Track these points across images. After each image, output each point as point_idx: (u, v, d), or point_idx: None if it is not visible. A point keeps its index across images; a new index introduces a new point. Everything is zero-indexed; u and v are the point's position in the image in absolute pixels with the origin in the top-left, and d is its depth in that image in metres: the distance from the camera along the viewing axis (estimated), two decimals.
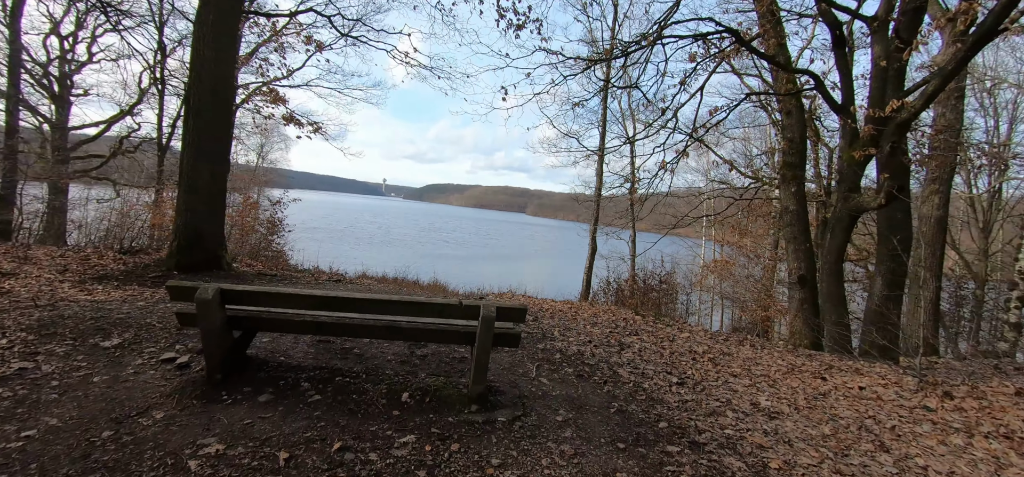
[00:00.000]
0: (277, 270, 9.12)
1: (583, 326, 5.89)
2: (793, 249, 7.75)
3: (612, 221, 19.44)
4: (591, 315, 7.26)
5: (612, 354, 4.57)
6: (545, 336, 4.93)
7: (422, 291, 17.03)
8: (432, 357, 3.71)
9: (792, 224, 7.79)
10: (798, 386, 4.26)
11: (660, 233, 25.52)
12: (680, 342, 5.66)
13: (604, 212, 19.31)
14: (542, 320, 5.83)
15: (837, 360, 5.59)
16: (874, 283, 7.13)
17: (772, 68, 8.58)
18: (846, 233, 6.39)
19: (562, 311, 7.21)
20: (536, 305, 7.84)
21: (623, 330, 5.95)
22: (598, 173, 17.20)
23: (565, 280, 30.32)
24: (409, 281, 21.77)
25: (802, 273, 7.56)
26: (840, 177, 6.38)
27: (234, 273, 7.23)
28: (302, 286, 6.45)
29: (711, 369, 4.53)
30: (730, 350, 5.62)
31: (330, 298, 2.71)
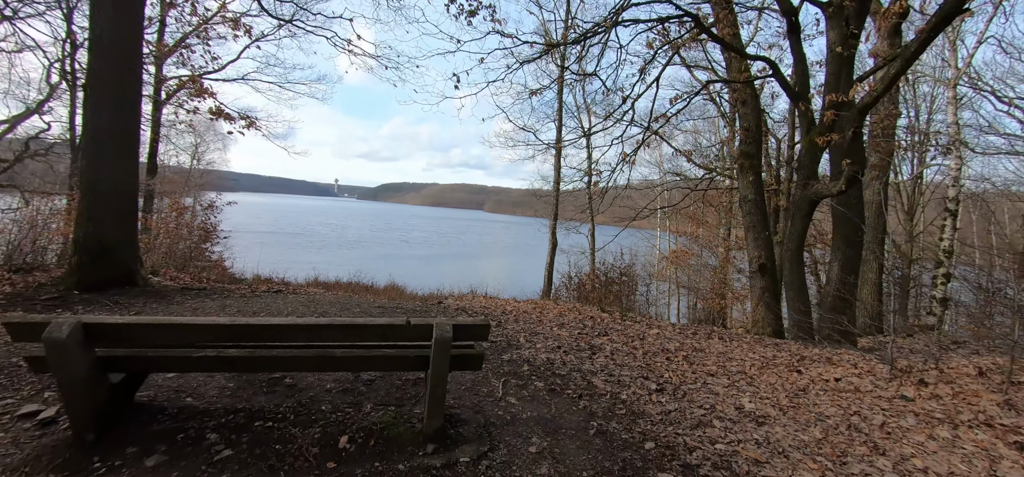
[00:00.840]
0: (208, 282, 8.15)
1: (550, 329, 5.51)
2: (753, 238, 7.74)
3: (572, 216, 19.34)
4: (557, 315, 6.90)
5: (584, 360, 4.20)
6: (511, 344, 4.49)
7: (378, 295, 16.16)
8: (380, 381, 3.17)
9: (751, 213, 7.77)
10: (776, 382, 4.06)
11: (619, 226, 25.85)
12: (651, 340, 5.40)
13: (563, 207, 19.17)
14: (507, 325, 5.39)
15: (805, 349, 5.53)
16: (831, 268, 7.22)
17: (726, 57, 8.54)
18: (806, 220, 6.40)
19: (527, 313, 6.81)
20: (499, 307, 7.40)
21: (592, 331, 5.62)
22: (556, 167, 16.98)
23: (527, 277, 30.11)
24: (363, 285, 20.76)
25: (762, 261, 7.56)
26: (798, 165, 6.37)
27: (152, 289, 6.30)
28: (224, 302, 5.67)
29: (687, 369, 4.26)
30: (701, 345, 5.43)
31: (240, 327, 2.12)
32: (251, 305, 5.46)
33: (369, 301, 6.86)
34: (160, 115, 15.74)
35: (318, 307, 5.44)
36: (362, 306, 5.81)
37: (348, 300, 6.60)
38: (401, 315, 3.34)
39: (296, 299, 6.14)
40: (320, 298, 6.51)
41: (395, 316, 2.86)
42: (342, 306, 5.61)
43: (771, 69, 6.42)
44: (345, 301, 6.28)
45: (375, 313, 5.28)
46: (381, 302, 7.00)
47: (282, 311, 5.10)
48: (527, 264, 40.35)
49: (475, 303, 7.96)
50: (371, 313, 5.22)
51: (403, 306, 5.95)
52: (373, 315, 5.18)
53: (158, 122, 15.78)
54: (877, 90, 4.47)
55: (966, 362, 4.83)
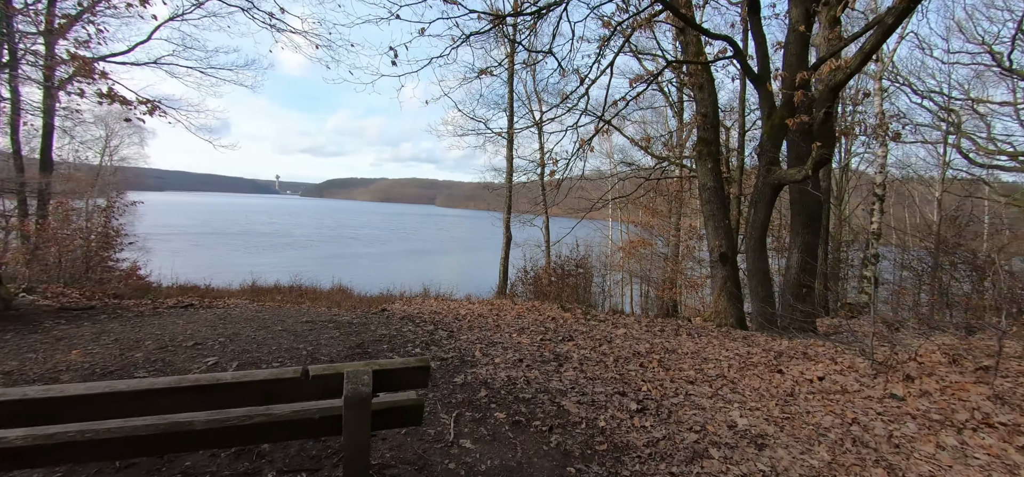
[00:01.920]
0: (104, 298, 6.85)
1: (509, 335, 4.90)
2: (713, 226, 7.51)
3: (526, 209, 18.84)
4: (515, 317, 6.30)
5: (551, 376, 3.61)
6: (464, 361, 3.82)
7: (318, 301, 14.88)
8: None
9: (710, 201, 7.54)
10: (761, 386, 3.67)
11: (573, 218, 25.74)
12: (619, 342, 4.92)
13: (516, 200, 18.65)
14: (460, 335, 4.71)
15: (775, 341, 5.28)
16: (791, 254, 7.11)
17: (683, 41, 8.24)
18: (768, 207, 6.20)
19: (483, 316, 6.15)
20: (452, 311, 6.69)
21: (555, 335, 5.06)
22: (508, 159, 16.38)
23: (482, 272, 29.40)
24: (306, 289, 19.24)
25: (723, 251, 7.35)
26: (760, 151, 6.16)
27: (16, 312, 5.05)
28: (106, 326, 4.59)
29: (665, 378, 3.79)
30: (671, 344, 5.02)
31: (35, 401, 1.31)
32: (143, 328, 4.43)
33: (300, 311, 5.93)
34: (53, 104, 13.54)
35: (229, 325, 4.50)
36: (288, 319, 4.91)
37: (275, 312, 5.64)
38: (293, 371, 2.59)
39: (206, 316, 5.12)
40: (238, 312, 5.51)
41: (286, 365, 2.13)
42: (261, 323, 4.69)
43: (732, 49, 6.12)
44: (269, 314, 5.33)
45: (301, 329, 4.43)
46: (318, 311, 6.09)
47: (177, 335, 4.12)
48: (482, 259, 39.67)
49: (425, 307, 7.20)
50: (295, 330, 4.36)
51: (338, 319, 5.11)
52: (299, 331, 4.33)
53: (51, 111, 13.58)
54: (851, 66, 4.22)
55: (932, 347, 4.74)
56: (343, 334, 4.29)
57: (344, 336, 4.22)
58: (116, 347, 3.67)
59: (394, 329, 4.70)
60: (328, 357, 3.57)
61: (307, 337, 4.11)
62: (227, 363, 3.36)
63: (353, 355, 3.68)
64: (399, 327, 4.84)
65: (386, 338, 4.26)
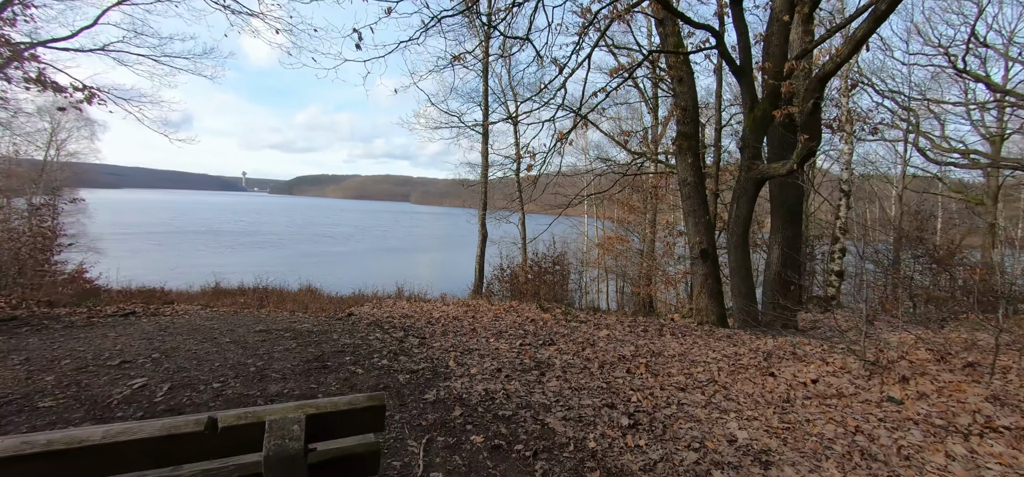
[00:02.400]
0: (30, 306, 6.15)
1: (486, 340, 4.55)
2: (693, 222, 7.35)
3: (501, 205, 18.50)
4: (493, 319, 5.96)
5: (532, 388, 3.29)
6: (437, 373, 3.46)
7: (283, 304, 14.17)
8: None
9: (690, 196, 7.38)
10: (755, 392, 3.45)
11: (549, 214, 25.58)
12: (602, 345, 4.65)
13: (492, 196, 18.31)
14: (432, 342, 4.33)
15: (761, 340, 5.12)
16: (771, 250, 7.02)
17: (661, 32, 8.05)
18: (751, 202, 6.07)
19: (458, 319, 5.78)
20: (425, 313, 6.29)
21: (535, 338, 4.75)
22: (483, 154, 15.99)
23: (458, 269, 28.89)
24: (272, 290, 18.35)
25: (704, 247, 7.20)
26: (743, 144, 6.01)
27: None
28: (22, 342, 4.01)
29: (655, 385, 3.52)
30: (656, 346, 4.79)
31: None
32: (66, 343, 3.86)
33: (258, 317, 5.42)
34: None
35: (169, 338, 3.98)
36: (240, 328, 4.42)
37: (227, 320, 5.11)
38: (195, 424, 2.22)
39: (146, 327, 4.56)
40: (185, 321, 4.96)
41: (229, 386, 1.78)
42: (208, 334, 4.19)
43: (714, 39, 5.94)
44: (220, 323, 4.80)
45: (254, 339, 3.96)
46: (278, 316, 5.59)
47: (104, 351, 3.59)
48: (457, 257, 39.14)
49: (396, 310, 6.77)
50: (246, 342, 3.89)
51: (298, 326, 4.64)
52: (251, 342, 3.86)
53: None
54: (842, 55, 4.06)
55: (912, 340, 4.66)
56: (301, 345, 3.85)
57: (302, 347, 3.78)
58: (24, 368, 3.13)
59: (359, 337, 4.28)
60: (280, 375, 3.14)
61: (259, 350, 3.65)
62: (158, 385, 2.89)
63: (310, 370, 3.26)
64: (365, 335, 4.42)
65: (350, 348, 3.84)
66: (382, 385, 3.06)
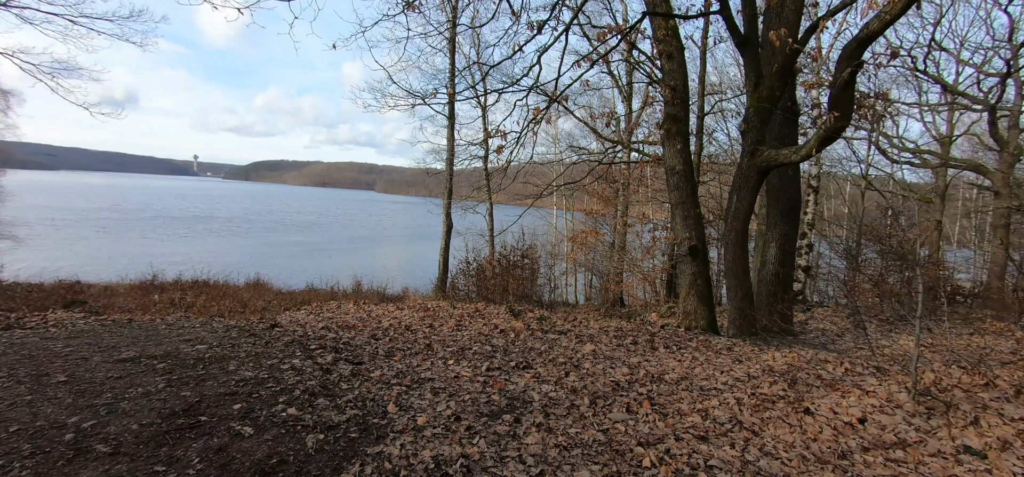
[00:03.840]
0: None
1: (444, 364, 3.54)
2: (682, 215, 6.57)
3: (468, 195, 17.41)
4: (454, 328, 4.95)
5: (505, 448, 2.31)
6: (367, 427, 2.42)
7: (225, 298, 12.61)
8: None
9: (679, 186, 6.59)
10: (797, 441, 2.62)
11: (518, 205, 24.67)
12: (589, 367, 3.74)
13: (459, 186, 17.22)
14: (370, 370, 3.27)
15: (767, 353, 4.37)
16: (767, 248, 6.35)
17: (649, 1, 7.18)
18: (753, 194, 5.33)
19: (411, 330, 4.73)
20: (372, 322, 5.20)
21: (505, 359, 3.78)
22: (449, 139, 14.84)
23: (423, 260, 27.56)
24: (213, 284, 16.57)
25: (694, 243, 6.44)
26: (745, 127, 5.24)
27: None
28: None
29: (666, 432, 2.63)
30: (653, 366, 3.93)
31: None
32: None
33: (148, 331, 4.17)
34: None
35: None
36: (100, 354, 3.20)
37: (93, 339, 3.85)
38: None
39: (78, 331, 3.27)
40: (34, 341, 3.66)
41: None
42: (41, 364, 2.95)
43: (719, 5, 5.10)
44: (82, 342, 3.55)
45: (106, 374, 2.78)
46: (174, 331, 4.35)
47: None
48: (423, 248, 37.75)
49: (338, 316, 5.63)
50: (91, 379, 2.69)
51: (183, 352, 3.46)
52: (99, 379, 2.69)
53: None
54: (895, 8, 3.27)
55: (936, 358, 4.03)
56: (175, 383, 2.71)
57: (174, 388, 2.65)
58: None
59: (269, 365, 3.17)
60: (112, 447, 2.01)
61: (103, 394, 2.50)
62: None
63: (168, 433, 2.15)
64: (279, 360, 3.31)
65: (247, 387, 2.74)
66: (276, 458, 2.01)
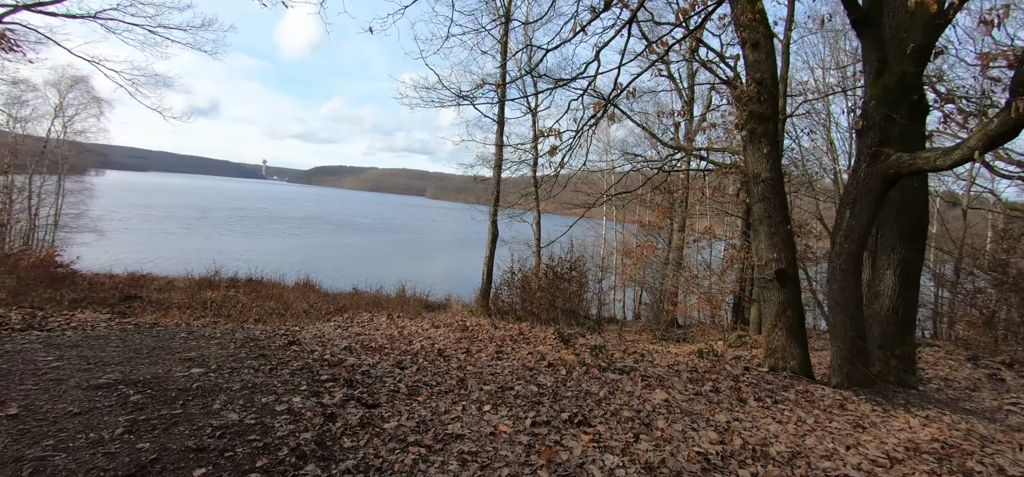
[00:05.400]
0: None
1: (478, 411, 2.81)
2: (768, 232, 5.49)
3: (515, 202, 16.78)
4: (494, 355, 4.21)
5: None
6: None
7: (272, 298, 12.66)
8: None
9: (766, 197, 5.52)
10: None
11: (565, 215, 23.80)
12: (664, 427, 2.87)
13: (506, 193, 16.65)
14: (385, 418, 2.59)
15: (899, 417, 3.29)
16: (882, 277, 5.14)
17: None
18: (874, 208, 4.22)
19: (443, 356, 4.05)
20: (401, 343, 4.58)
21: (556, 406, 2.99)
22: (497, 144, 14.27)
23: (468, 268, 27.27)
24: (266, 282, 16.93)
25: (782, 266, 5.34)
26: (865, 124, 4.17)
27: None
28: None
29: None
30: (747, 428, 2.99)
31: None
32: None
33: (166, 338, 3.77)
34: None
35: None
36: (82, 373, 2.76)
37: (100, 347, 3.47)
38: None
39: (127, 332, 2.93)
40: (34, 349, 3.31)
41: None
42: (88, 360, 2.52)
43: None
44: (92, 353, 3.16)
45: (64, 405, 2.29)
46: (200, 336, 3.95)
47: None
48: (468, 254, 37.66)
49: (367, 335, 5.06)
50: (42, 409, 2.21)
51: (175, 376, 2.94)
52: (52, 413, 2.20)
53: None
54: None
55: None
56: (135, 430, 2.14)
57: (132, 435, 2.08)
58: None
59: (263, 403, 2.57)
60: None
61: (46, 437, 1.96)
62: None
63: None
64: (277, 397, 2.70)
65: (222, 440, 2.11)
66: None
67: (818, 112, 13.36)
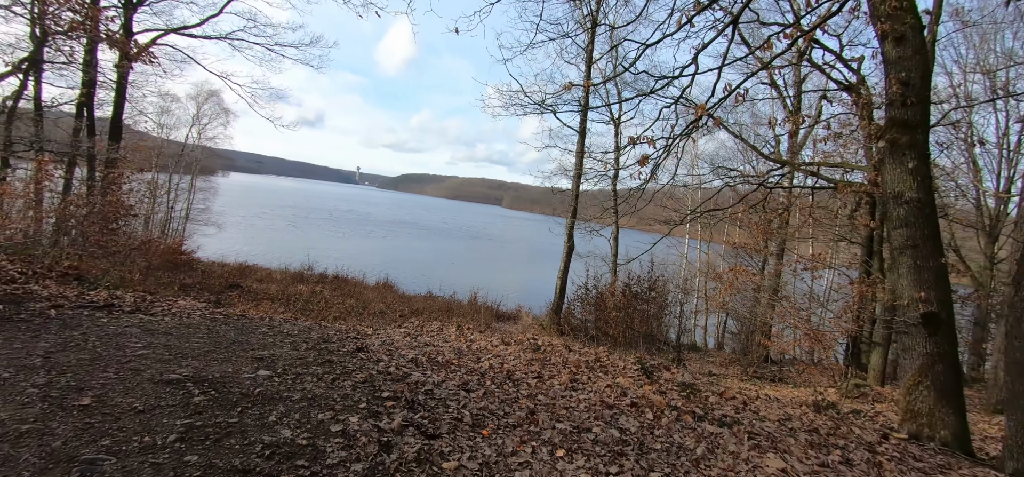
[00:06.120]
0: (38, 280, 5.34)
1: (549, 457, 2.41)
2: (911, 264, 4.45)
3: (593, 216, 16.13)
4: (568, 384, 3.77)
5: None
6: None
7: (357, 297, 13.25)
8: None
9: (912, 221, 4.49)
10: None
11: (645, 231, 22.51)
12: None
13: (584, 205, 16.11)
14: (447, 451, 2.29)
15: None
16: None
17: None
18: None
19: (513, 379, 3.70)
20: (470, 360, 4.31)
21: (643, 467, 2.48)
22: (578, 155, 13.80)
23: (539, 281, 26.94)
24: (350, 280, 17.91)
25: (932, 309, 4.28)
26: None
27: None
28: None
29: None
30: None
31: None
32: None
33: (206, 344, 3.87)
34: (126, 73, 13.18)
35: None
36: (156, 366, 2.79)
37: (186, 334, 3.60)
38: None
39: (64, 338, 3.15)
40: (126, 332, 3.50)
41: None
42: (90, 370, 2.59)
43: None
44: (176, 341, 3.28)
45: (127, 398, 2.26)
46: (272, 330, 4.02)
47: None
48: (541, 266, 37.40)
49: (434, 347, 4.88)
50: (110, 402, 2.19)
51: (241, 378, 2.89)
52: (110, 403, 2.17)
53: (124, 79, 13.25)
54: None
55: None
56: (188, 439, 2.01)
57: (184, 445, 1.96)
58: None
59: (319, 421, 2.38)
60: None
61: (104, 435, 1.91)
62: None
63: None
64: (334, 414, 2.51)
65: (270, 461, 1.93)
66: None
67: (958, 125, 11.09)
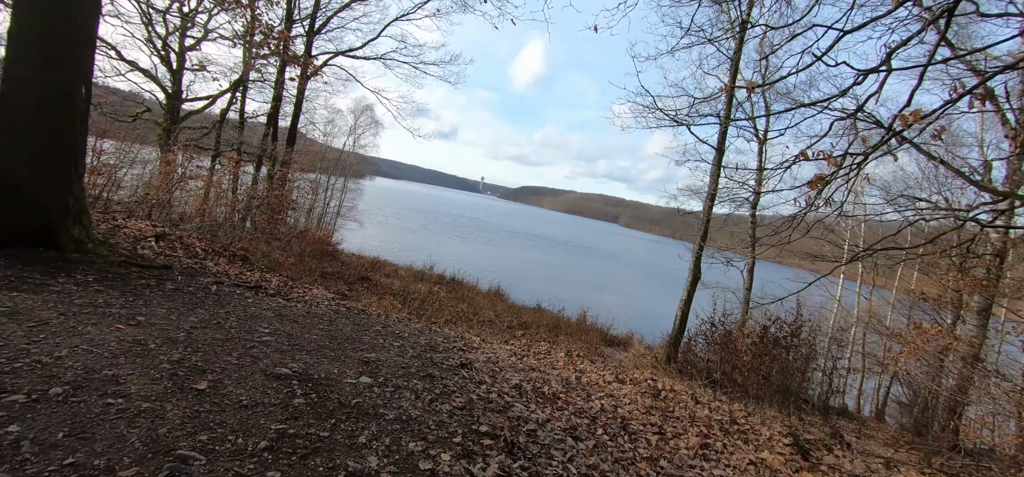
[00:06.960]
0: (196, 258, 6.24)
1: None
2: None
3: (727, 244, 14.30)
4: (695, 455, 3.06)
5: None
6: None
7: (469, 302, 13.61)
8: None
9: None
10: None
11: (787, 265, 19.41)
12: None
13: (712, 232, 14.43)
14: None
15: None
16: None
17: None
18: None
19: (627, 430, 3.11)
20: (574, 407, 3.82)
21: None
22: (713, 174, 12.37)
23: (656, 308, 25.04)
24: (464, 284, 18.60)
25: None
26: None
27: (73, 256, 4.26)
28: (101, 297, 3.21)
29: None
30: None
31: None
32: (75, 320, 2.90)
33: (360, 326, 3.95)
34: (304, 89, 15.83)
35: (165, 350, 2.62)
36: (268, 357, 2.85)
37: (324, 325, 3.75)
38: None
39: (215, 314, 3.46)
40: (265, 312, 3.76)
41: None
42: (232, 351, 2.70)
43: None
44: (300, 330, 3.43)
45: (261, 387, 2.25)
46: (387, 331, 4.04)
47: None
48: (660, 291, 34.95)
49: (544, 370, 4.48)
50: (221, 402, 2.19)
51: (351, 384, 2.80)
52: (222, 390, 2.17)
53: (302, 94, 15.89)
54: None
55: None
56: (276, 447, 1.90)
57: (270, 456, 1.85)
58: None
59: (409, 451, 2.13)
60: None
61: (202, 430, 1.87)
62: None
63: None
64: (427, 444, 2.24)
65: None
66: None
67: None
